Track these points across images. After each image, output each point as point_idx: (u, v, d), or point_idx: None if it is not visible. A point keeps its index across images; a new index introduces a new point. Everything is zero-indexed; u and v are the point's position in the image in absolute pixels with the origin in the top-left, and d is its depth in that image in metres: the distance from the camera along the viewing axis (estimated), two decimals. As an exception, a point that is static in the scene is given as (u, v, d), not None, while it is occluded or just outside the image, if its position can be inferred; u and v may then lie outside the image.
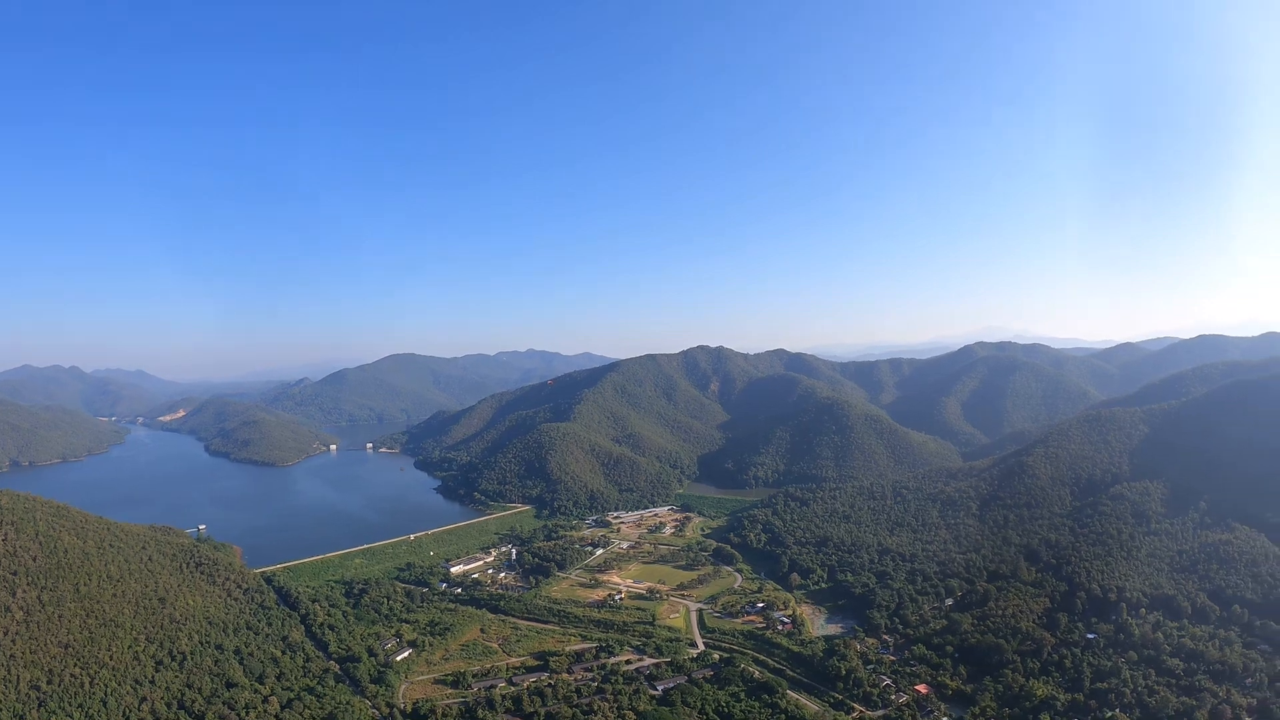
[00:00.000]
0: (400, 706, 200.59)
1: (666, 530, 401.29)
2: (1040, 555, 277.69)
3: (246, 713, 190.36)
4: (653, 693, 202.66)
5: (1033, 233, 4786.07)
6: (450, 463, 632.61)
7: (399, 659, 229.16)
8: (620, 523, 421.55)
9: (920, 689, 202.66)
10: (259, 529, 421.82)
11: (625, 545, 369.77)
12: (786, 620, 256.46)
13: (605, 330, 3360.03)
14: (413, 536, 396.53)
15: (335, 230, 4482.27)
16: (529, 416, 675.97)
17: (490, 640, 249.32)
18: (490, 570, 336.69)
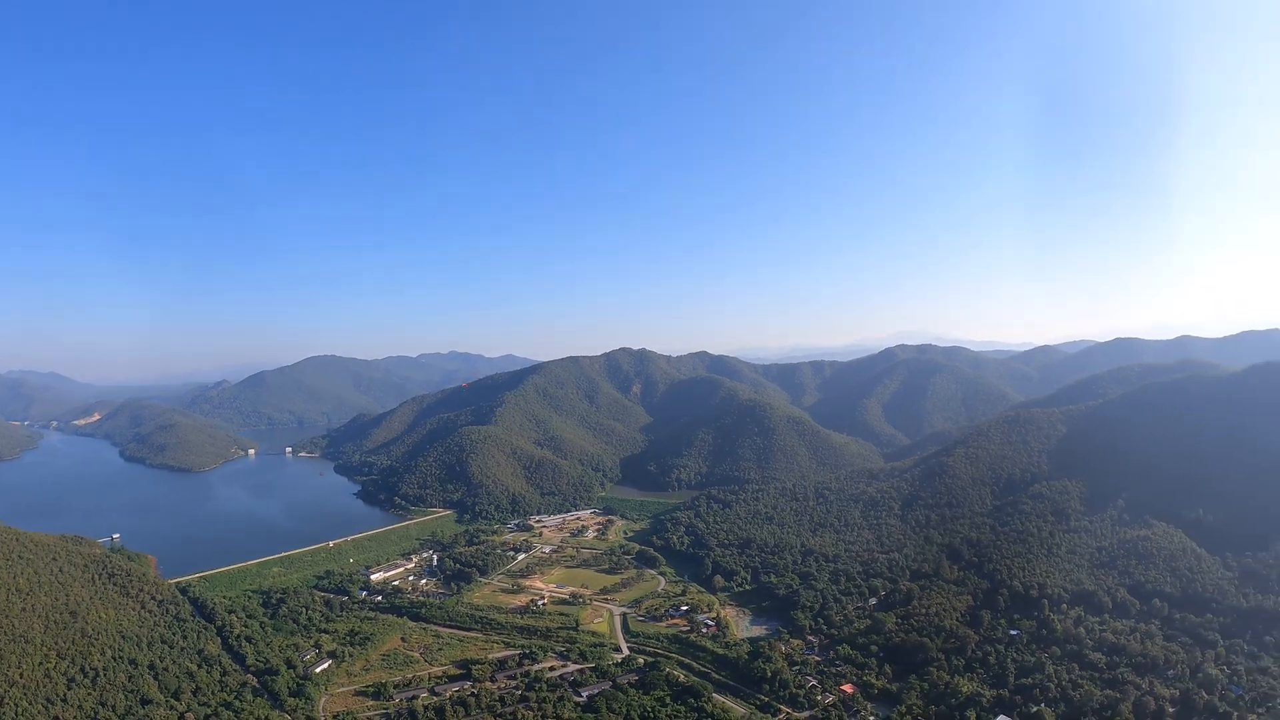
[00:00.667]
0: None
1: (589, 534, 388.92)
2: (962, 554, 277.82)
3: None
4: (577, 699, 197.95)
5: (954, 236, 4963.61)
6: (371, 467, 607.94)
7: (318, 670, 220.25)
8: (543, 526, 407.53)
9: (846, 689, 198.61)
10: (174, 537, 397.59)
11: (548, 549, 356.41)
12: (711, 623, 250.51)
13: (528, 332, 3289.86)
14: (332, 543, 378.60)
15: (255, 232, 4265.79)
16: (450, 419, 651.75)
17: (412, 649, 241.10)
18: (411, 577, 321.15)
